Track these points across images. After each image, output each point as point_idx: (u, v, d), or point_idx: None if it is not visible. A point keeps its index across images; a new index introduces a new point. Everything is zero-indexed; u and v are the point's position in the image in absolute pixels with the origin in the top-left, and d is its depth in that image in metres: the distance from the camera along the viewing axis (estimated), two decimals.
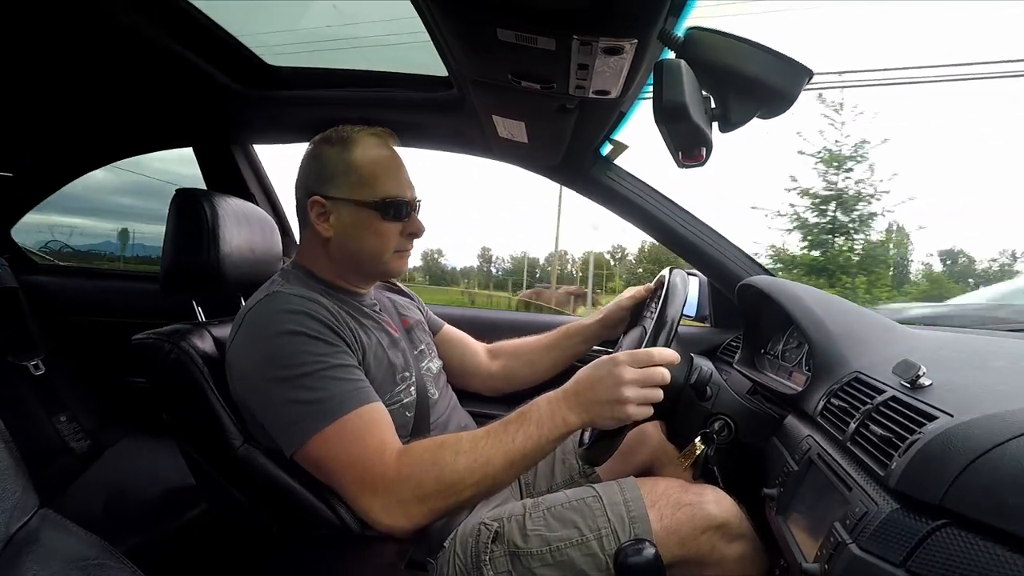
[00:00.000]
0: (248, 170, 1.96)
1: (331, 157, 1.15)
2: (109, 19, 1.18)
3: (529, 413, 0.99)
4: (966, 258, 74.80)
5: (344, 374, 0.99)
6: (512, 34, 0.87)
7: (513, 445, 0.96)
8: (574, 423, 0.98)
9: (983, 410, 0.68)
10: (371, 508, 0.94)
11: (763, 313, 1.44)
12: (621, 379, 0.96)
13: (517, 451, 0.96)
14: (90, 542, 0.62)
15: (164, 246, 1.22)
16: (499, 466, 0.95)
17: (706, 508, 1.06)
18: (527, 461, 0.98)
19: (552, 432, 0.97)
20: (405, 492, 0.93)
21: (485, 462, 0.95)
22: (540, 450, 0.98)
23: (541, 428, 0.97)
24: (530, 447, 0.96)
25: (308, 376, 0.96)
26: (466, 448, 0.96)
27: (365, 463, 0.95)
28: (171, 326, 1.15)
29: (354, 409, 0.97)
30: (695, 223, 1.70)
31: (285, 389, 0.96)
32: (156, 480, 1.74)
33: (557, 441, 0.99)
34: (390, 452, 0.96)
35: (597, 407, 0.97)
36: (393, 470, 0.94)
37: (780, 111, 0.87)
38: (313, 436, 0.95)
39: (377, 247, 1.16)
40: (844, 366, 1.05)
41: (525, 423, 0.98)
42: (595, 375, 0.99)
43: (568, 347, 1.52)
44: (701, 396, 1.20)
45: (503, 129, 1.38)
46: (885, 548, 0.62)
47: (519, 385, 1.55)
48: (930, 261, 67.57)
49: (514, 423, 0.98)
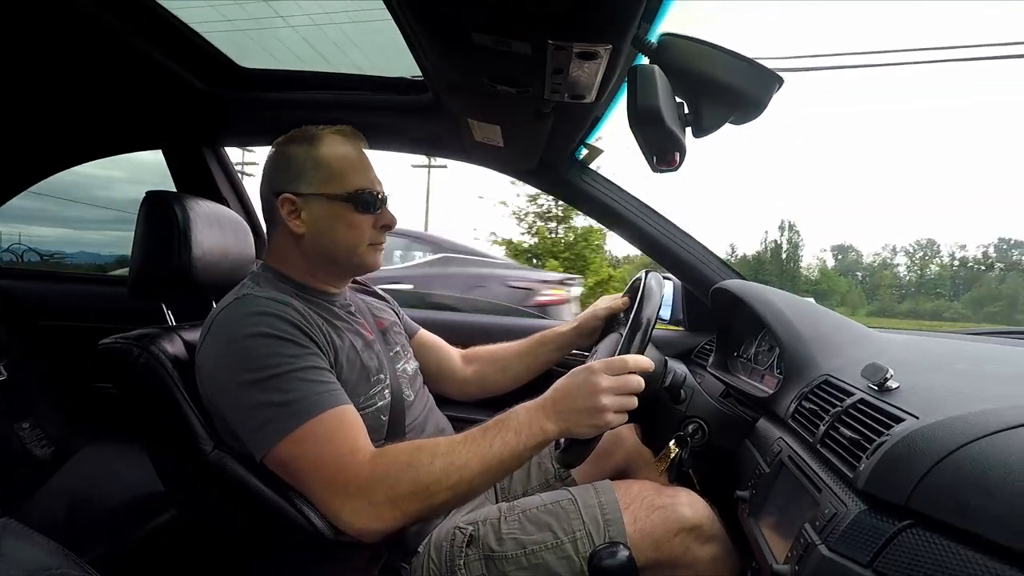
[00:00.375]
0: (219, 172, 1.93)
1: (299, 155, 1.14)
2: (76, 16, 1.16)
3: (507, 420, 0.99)
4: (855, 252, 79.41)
5: (314, 376, 0.97)
6: (487, 38, 0.87)
7: (491, 451, 0.95)
8: (552, 432, 0.97)
9: (947, 412, 0.69)
10: (342, 511, 0.92)
11: (736, 317, 1.46)
12: (597, 387, 0.96)
13: (494, 457, 0.95)
14: (53, 551, 0.60)
15: (133, 249, 1.19)
16: (475, 471, 0.94)
17: (679, 510, 1.07)
18: (504, 468, 0.97)
19: (530, 440, 0.96)
20: (378, 494, 0.92)
21: (461, 466, 0.93)
22: (517, 458, 0.97)
23: (519, 435, 0.96)
24: (507, 454, 0.95)
25: (277, 378, 0.94)
26: (443, 451, 0.95)
27: (336, 464, 0.93)
28: (140, 330, 1.12)
29: (325, 411, 0.95)
30: (669, 227, 1.71)
31: (254, 392, 0.94)
32: (122, 487, 1.70)
33: (534, 450, 0.98)
34: (363, 453, 0.94)
35: (575, 415, 0.97)
36: (366, 471, 0.93)
37: (751, 117, 0.88)
38: (283, 438, 0.93)
39: (351, 240, 1.15)
40: (814, 369, 1.07)
41: (503, 430, 0.97)
42: (572, 384, 0.99)
43: (542, 354, 1.52)
44: (675, 399, 1.21)
45: (479, 133, 1.38)
46: (853, 549, 0.63)
47: (493, 391, 1.55)
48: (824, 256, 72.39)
49: (492, 429, 0.98)
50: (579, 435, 0.99)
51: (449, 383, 1.52)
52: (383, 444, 1.11)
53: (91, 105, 1.63)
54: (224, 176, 1.96)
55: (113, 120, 1.74)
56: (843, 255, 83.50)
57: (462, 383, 1.53)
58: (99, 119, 1.73)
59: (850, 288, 54.37)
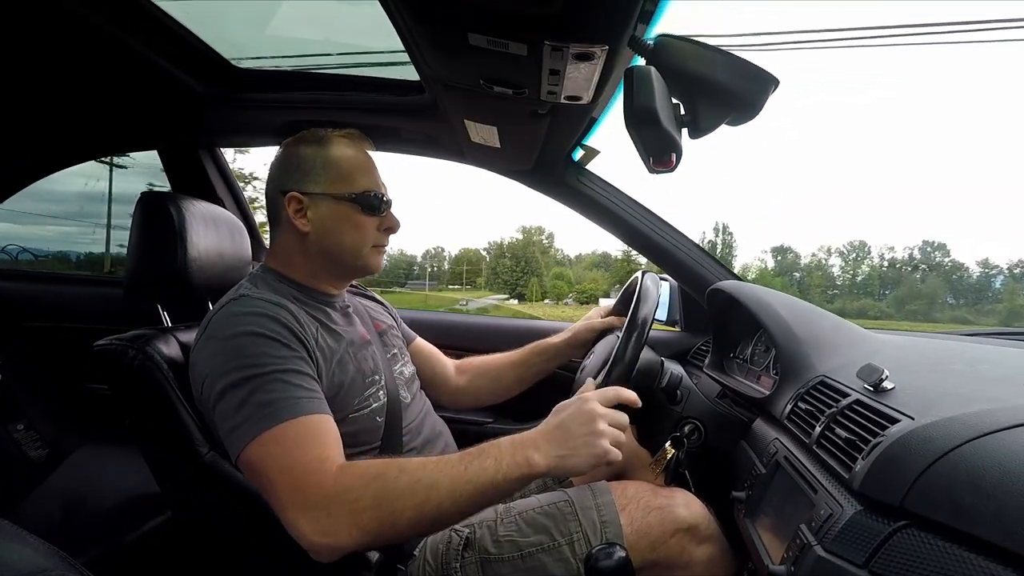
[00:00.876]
0: (215, 173, 1.93)
1: (308, 154, 1.15)
2: (70, 18, 1.15)
3: (488, 448, 0.91)
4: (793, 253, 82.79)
5: (296, 380, 0.95)
6: (484, 39, 0.87)
7: (463, 473, 0.87)
8: (539, 464, 0.88)
9: (942, 413, 0.70)
10: (298, 521, 0.86)
11: (732, 317, 1.46)
12: (595, 412, 0.92)
13: (466, 481, 0.86)
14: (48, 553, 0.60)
15: (129, 250, 1.19)
16: (443, 492, 0.86)
17: (676, 511, 1.07)
18: (477, 495, 0.87)
19: (511, 471, 0.88)
20: (339, 507, 0.85)
21: (429, 485, 0.86)
22: (493, 487, 0.87)
23: (499, 464, 0.88)
24: (483, 480, 0.87)
25: (259, 378, 0.93)
26: (413, 468, 0.88)
27: (302, 472, 0.87)
28: (135, 331, 1.12)
29: (299, 416, 0.91)
30: (666, 228, 1.71)
31: (236, 390, 0.93)
32: (117, 489, 1.70)
33: (515, 482, 0.88)
34: (330, 465, 0.89)
35: (570, 443, 0.90)
36: (330, 483, 0.87)
37: (747, 118, 0.88)
38: (254, 440, 0.90)
39: (356, 241, 1.16)
40: (810, 370, 1.07)
41: (481, 456, 0.89)
42: (564, 414, 0.94)
43: (534, 364, 1.52)
44: (672, 400, 1.22)
45: (475, 134, 1.38)
46: (849, 549, 0.63)
47: (486, 401, 1.55)
48: (765, 257, 75.62)
49: (470, 454, 0.91)
50: (574, 468, 0.90)
51: (442, 392, 1.52)
52: (379, 446, 1.11)
53: (87, 106, 1.63)
54: (220, 177, 1.95)
55: (109, 121, 1.73)
56: (782, 256, 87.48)
57: (455, 392, 1.52)
58: (95, 120, 1.72)
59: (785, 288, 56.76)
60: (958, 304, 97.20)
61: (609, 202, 1.69)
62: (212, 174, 1.91)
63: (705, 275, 1.68)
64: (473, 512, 0.91)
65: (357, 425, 1.07)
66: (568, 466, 0.89)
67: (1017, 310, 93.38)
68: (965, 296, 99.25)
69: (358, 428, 1.07)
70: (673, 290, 1.83)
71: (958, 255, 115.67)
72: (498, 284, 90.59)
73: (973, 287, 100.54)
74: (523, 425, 1.77)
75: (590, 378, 1.16)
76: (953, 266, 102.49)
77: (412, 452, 1.17)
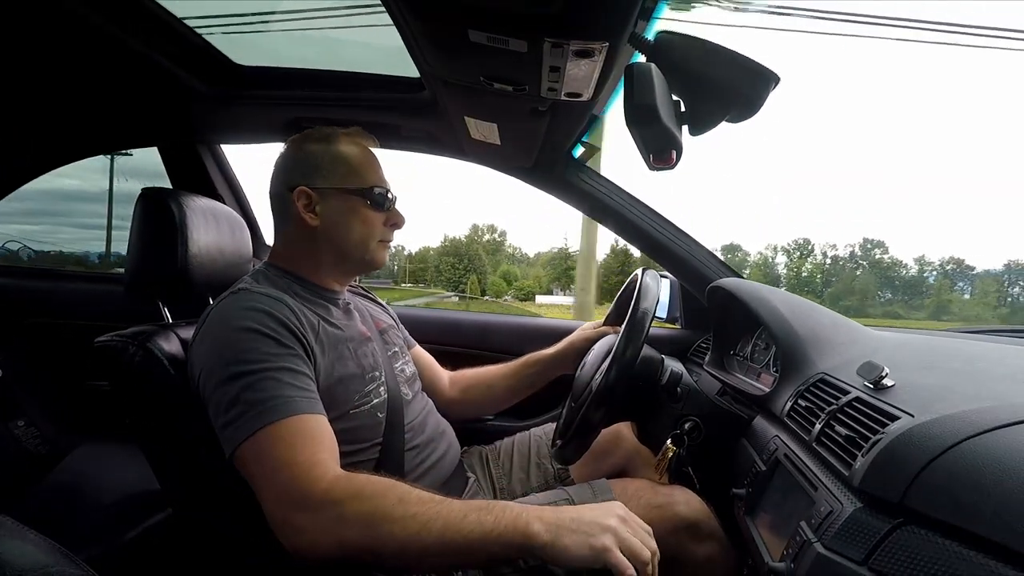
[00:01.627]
0: (215, 170, 1.93)
1: (316, 151, 1.16)
2: (69, 15, 1.15)
3: (494, 506, 0.85)
4: (742, 252, 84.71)
5: (291, 379, 0.95)
6: (484, 36, 0.87)
7: (459, 522, 0.81)
8: (537, 533, 0.80)
9: (942, 410, 0.70)
10: (284, 522, 0.85)
11: (732, 315, 1.46)
12: (616, 511, 0.84)
13: (460, 532, 0.81)
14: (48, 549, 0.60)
15: (129, 247, 1.19)
16: (434, 535, 0.81)
17: (676, 508, 1.08)
18: (466, 549, 0.81)
19: (507, 531, 0.81)
20: (325, 514, 0.84)
21: (423, 523, 0.81)
22: (483, 545, 0.81)
23: (498, 521, 0.82)
24: (475, 535, 0.81)
25: (253, 375, 0.93)
26: (413, 500, 0.84)
27: (292, 470, 0.86)
28: (136, 327, 1.12)
29: (293, 416, 0.91)
30: (666, 225, 1.71)
31: (229, 387, 0.92)
32: (118, 485, 1.70)
33: (507, 547, 0.81)
34: (323, 468, 0.88)
35: (575, 524, 0.81)
36: (320, 488, 0.85)
37: (747, 116, 0.88)
38: (247, 438, 0.89)
39: (363, 235, 1.17)
40: (810, 367, 1.07)
41: (483, 511, 0.83)
42: (589, 504, 0.87)
43: (525, 376, 1.52)
44: (672, 397, 1.21)
45: (476, 131, 1.38)
46: (848, 546, 0.63)
47: (478, 411, 1.56)
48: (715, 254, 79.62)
49: (474, 506, 0.85)
50: (567, 550, 0.79)
51: (436, 402, 1.51)
52: (381, 442, 1.11)
53: (89, 103, 1.63)
54: (220, 174, 1.95)
55: (111, 118, 1.73)
56: (732, 254, 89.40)
57: (448, 403, 1.52)
58: (97, 117, 1.73)
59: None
60: (893, 300, 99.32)
61: (609, 199, 1.69)
62: (212, 171, 1.91)
63: (705, 272, 1.68)
64: (456, 565, 0.88)
65: (358, 421, 1.07)
66: (562, 544, 0.79)
67: (944, 304, 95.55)
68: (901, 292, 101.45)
69: (359, 424, 1.08)
70: (673, 287, 1.83)
71: (897, 252, 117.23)
72: (441, 281, 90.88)
73: (909, 283, 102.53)
74: (523, 423, 1.77)
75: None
76: (892, 263, 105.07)
77: (415, 450, 1.17)
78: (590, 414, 1.09)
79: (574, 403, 1.24)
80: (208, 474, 1.03)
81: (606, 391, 1.07)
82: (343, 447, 1.03)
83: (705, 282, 1.58)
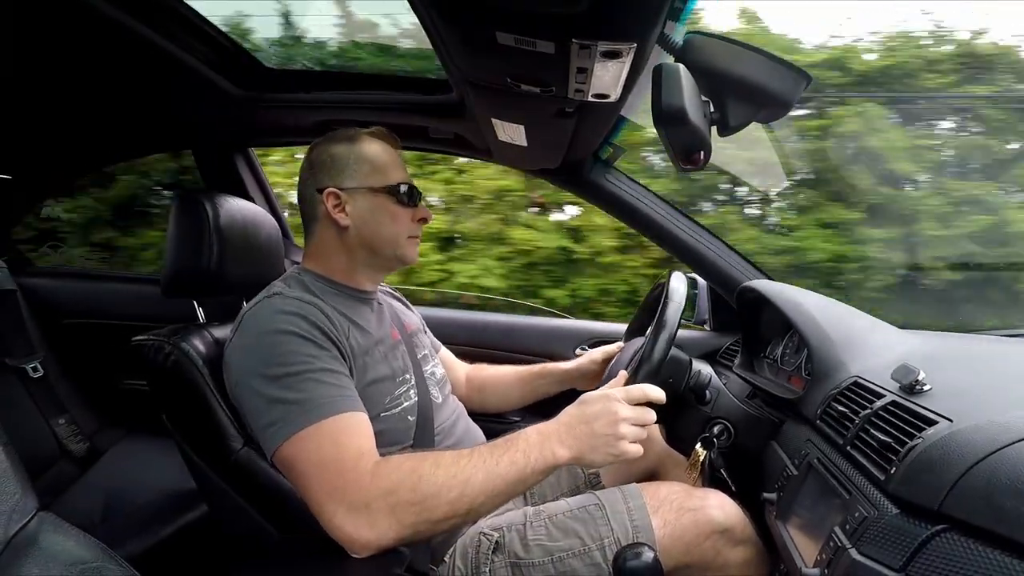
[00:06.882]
0: (247, 173, 1.96)
1: (341, 152, 1.17)
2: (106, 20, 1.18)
3: (516, 440, 0.95)
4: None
5: (329, 378, 0.97)
6: (511, 37, 0.87)
7: (496, 469, 0.91)
8: (563, 457, 0.93)
9: (981, 415, 0.68)
10: (335, 514, 0.89)
11: (762, 317, 1.44)
12: (618, 415, 0.94)
13: (499, 476, 0.91)
14: (89, 545, 0.62)
15: (166, 248, 1.21)
16: (478, 488, 0.90)
17: (710, 513, 1.06)
18: (508, 489, 0.92)
19: (538, 463, 0.92)
20: (376, 500, 0.88)
21: (465, 480, 0.90)
22: (522, 480, 0.92)
23: (528, 456, 0.92)
24: (513, 474, 0.92)
25: (292, 376, 0.95)
26: (447, 462, 0.92)
27: (339, 467, 0.90)
28: (171, 326, 1.14)
29: (335, 414, 0.94)
30: (694, 227, 1.70)
31: (269, 388, 0.95)
32: (155, 483, 1.74)
33: (541, 474, 0.93)
34: (367, 459, 0.92)
35: (592, 440, 0.94)
36: (368, 478, 0.90)
37: (778, 115, 0.87)
38: (290, 437, 0.92)
39: (393, 232, 1.18)
40: (843, 371, 1.05)
41: (511, 449, 0.93)
42: (590, 411, 0.96)
43: (539, 386, 1.52)
44: (701, 400, 1.20)
45: (503, 132, 1.38)
46: (885, 553, 0.62)
47: (491, 411, 1.57)
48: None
49: (500, 447, 0.94)
50: (593, 462, 0.97)
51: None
52: (411, 446, 1.11)
53: (124, 108, 1.67)
54: (252, 176, 1.98)
55: (147, 123, 1.77)
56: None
57: (461, 399, 1.52)
58: (132, 121, 1.77)
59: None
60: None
61: (636, 200, 1.68)
62: (244, 173, 1.94)
63: (734, 274, 1.66)
64: (503, 503, 0.95)
65: (388, 424, 1.08)
66: (588, 460, 0.95)
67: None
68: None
69: (389, 427, 1.08)
70: (702, 289, 1.81)
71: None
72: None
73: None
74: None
75: (623, 370, 1.15)
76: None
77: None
78: None
79: None
80: (242, 473, 1.05)
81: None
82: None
83: (734, 284, 1.56)
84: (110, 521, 1.67)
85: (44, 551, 0.58)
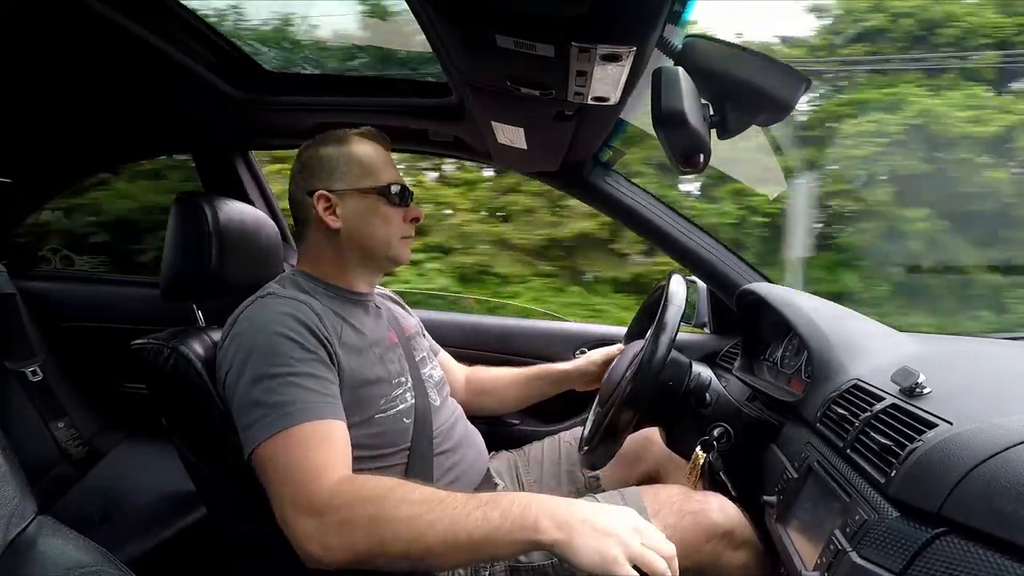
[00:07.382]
0: (247, 175, 1.96)
1: (330, 154, 1.17)
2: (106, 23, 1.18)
3: (501, 499, 0.83)
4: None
5: (311, 384, 0.96)
6: (511, 40, 0.87)
7: (463, 521, 0.80)
8: (546, 532, 0.78)
9: (982, 418, 0.68)
10: (293, 526, 0.86)
11: (762, 320, 1.44)
12: (633, 523, 0.81)
13: (462, 530, 0.80)
14: (88, 549, 0.62)
15: (165, 251, 1.21)
16: (438, 535, 0.80)
17: (710, 516, 1.06)
18: (472, 546, 0.80)
19: (512, 529, 0.79)
20: (328, 513, 0.85)
21: (427, 524, 0.81)
22: (490, 542, 0.80)
23: (504, 518, 0.80)
24: (479, 533, 0.79)
25: (274, 379, 0.94)
26: (416, 499, 0.84)
27: (302, 477, 0.88)
28: (171, 330, 1.14)
29: (311, 420, 0.92)
30: (694, 230, 1.70)
31: (252, 389, 0.95)
32: (154, 486, 1.73)
33: (513, 545, 0.80)
34: (333, 470, 0.89)
35: (587, 526, 0.79)
36: (327, 491, 0.86)
37: (778, 119, 0.87)
38: (264, 440, 0.91)
39: (385, 233, 1.18)
40: (843, 373, 1.05)
41: (489, 505, 0.82)
42: (602, 506, 0.84)
43: (536, 388, 1.51)
44: (700, 403, 1.20)
45: (502, 135, 1.38)
46: (885, 556, 0.62)
47: (489, 414, 1.56)
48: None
49: (479, 500, 0.83)
50: (574, 551, 0.77)
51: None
52: (409, 448, 1.11)
53: (124, 111, 1.67)
54: (251, 178, 1.98)
55: (147, 126, 1.77)
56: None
57: (460, 403, 1.52)
58: (131, 124, 1.77)
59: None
60: None
61: (636, 203, 1.68)
62: (243, 176, 1.94)
63: (734, 276, 1.66)
64: (466, 562, 0.89)
65: (384, 426, 1.08)
66: (573, 547, 0.77)
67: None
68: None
69: (385, 429, 1.08)
70: (702, 292, 1.81)
71: None
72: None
73: None
74: (550, 427, 1.77)
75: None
76: None
77: (444, 455, 1.17)
78: (617, 419, 1.08)
79: (601, 407, 1.24)
80: (240, 475, 1.05)
81: (633, 395, 1.06)
82: (370, 452, 1.04)
83: (734, 287, 1.56)
84: (110, 524, 1.67)
85: (43, 555, 0.58)
